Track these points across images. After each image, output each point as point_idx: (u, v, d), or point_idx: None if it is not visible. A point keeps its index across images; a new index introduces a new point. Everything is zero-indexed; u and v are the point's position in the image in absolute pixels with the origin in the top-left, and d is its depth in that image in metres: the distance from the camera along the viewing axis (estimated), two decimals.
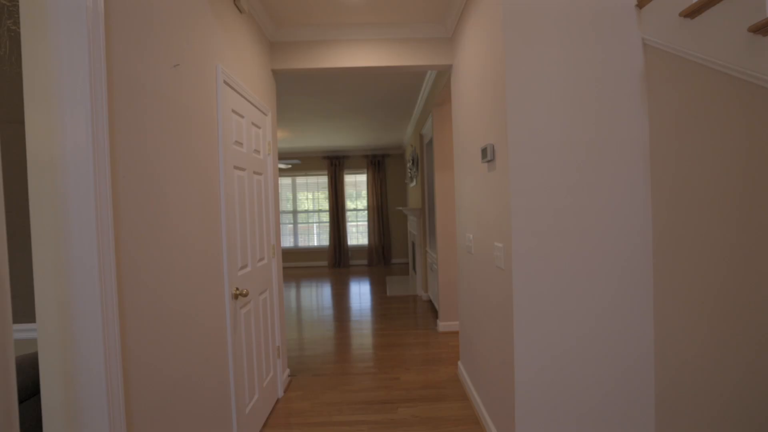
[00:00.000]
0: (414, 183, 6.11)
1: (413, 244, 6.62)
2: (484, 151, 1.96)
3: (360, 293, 5.91)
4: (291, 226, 8.82)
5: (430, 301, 5.17)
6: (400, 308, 4.90)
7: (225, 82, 1.91)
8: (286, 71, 2.81)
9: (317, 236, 8.85)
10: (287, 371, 2.87)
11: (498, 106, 1.80)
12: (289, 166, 6.90)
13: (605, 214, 1.70)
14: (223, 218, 1.84)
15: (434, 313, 4.62)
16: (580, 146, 1.70)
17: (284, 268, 8.68)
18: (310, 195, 8.86)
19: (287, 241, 8.83)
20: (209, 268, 1.69)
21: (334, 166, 8.56)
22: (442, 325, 3.93)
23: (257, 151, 2.42)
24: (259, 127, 2.47)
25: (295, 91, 4.25)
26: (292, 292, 6.14)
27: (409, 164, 6.58)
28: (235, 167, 2.05)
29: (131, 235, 1.17)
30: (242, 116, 2.17)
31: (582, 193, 1.70)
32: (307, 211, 8.85)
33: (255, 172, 2.37)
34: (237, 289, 1.97)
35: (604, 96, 1.70)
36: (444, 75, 3.26)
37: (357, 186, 8.87)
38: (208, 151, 1.72)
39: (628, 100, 1.70)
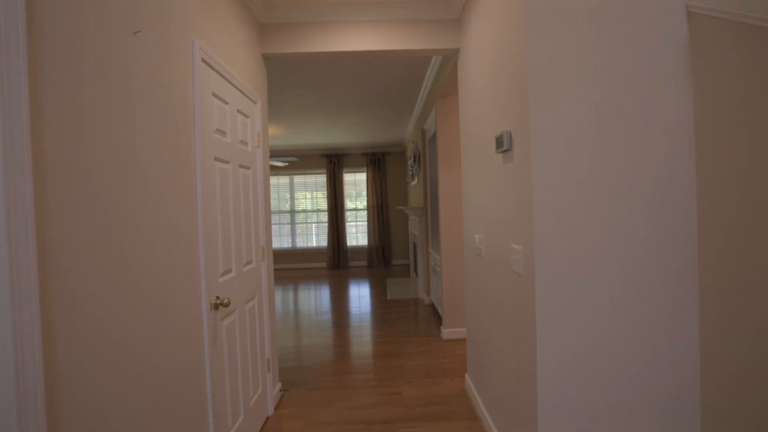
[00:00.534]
0: (416, 181, 5.87)
1: (414, 245, 6.38)
2: (498, 140, 1.72)
3: (359, 296, 5.66)
4: (289, 226, 8.58)
5: (432, 306, 4.93)
6: (401, 313, 4.66)
7: (204, 60, 1.67)
8: (277, 56, 2.57)
9: (316, 237, 8.61)
10: (279, 385, 2.63)
11: (517, 88, 1.56)
12: (286, 164, 6.65)
13: (644, 210, 1.46)
14: (200, 217, 1.60)
15: (437, 318, 4.37)
16: (614, 133, 1.45)
17: (282, 269, 8.44)
18: (308, 194, 8.62)
19: (285, 242, 8.59)
20: (181, 276, 1.44)
21: (333, 164, 8.31)
22: (447, 332, 3.69)
23: (244, 143, 2.18)
24: (246, 117, 2.23)
25: (290, 84, 4.01)
26: (290, 295, 5.90)
27: (410, 162, 6.34)
28: (217, 159, 1.81)
29: (66, 240, 0.92)
30: (226, 102, 1.93)
31: (617, 188, 1.45)
32: (305, 211, 8.61)
33: (241, 166, 2.12)
34: (217, 298, 1.72)
35: (642, 74, 1.45)
36: (449, 62, 3.02)
37: (356, 185, 8.63)
38: (181, 138, 1.48)
39: (670, 79, 1.45)
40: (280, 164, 6.58)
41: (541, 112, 1.44)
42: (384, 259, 8.37)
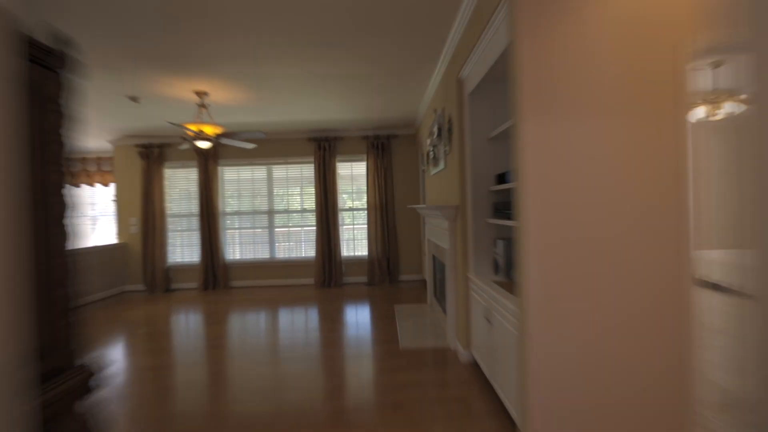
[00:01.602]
0: (440, 167, 3.93)
1: (435, 260, 4.45)
2: None
3: (357, 341, 3.73)
4: (266, 231, 6.65)
5: (475, 366, 2.99)
6: (424, 387, 2.72)
7: None
8: None
9: (303, 245, 6.68)
10: None
11: None
12: (253, 145, 4.75)
13: None
14: None
15: (491, 400, 2.43)
16: None
17: (256, 288, 6.50)
18: (295, 190, 6.68)
19: (262, 252, 6.65)
20: None
21: (323, 149, 6.38)
22: None
23: None
24: None
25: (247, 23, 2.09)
26: (254, 336, 3.95)
27: (430, 139, 4.40)
28: None
29: None
30: None
31: None
32: (287, 212, 6.68)
33: None
34: None
35: None
36: None
37: (354, 178, 6.69)
38: None
39: None
40: (248, 146, 4.66)
41: None
42: (389, 274, 6.43)
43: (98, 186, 7.77)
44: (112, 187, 7.34)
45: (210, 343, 3.80)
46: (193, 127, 3.88)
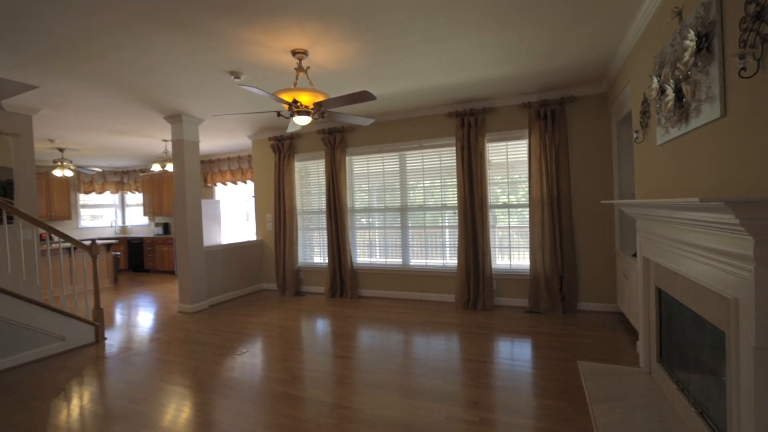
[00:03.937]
0: (695, 123, 1.94)
1: (663, 297, 2.47)
2: None
3: None
4: (398, 231, 5.50)
5: None
6: None
7: None
8: None
9: (445, 250, 5.30)
10: None
11: None
12: (370, 120, 3.58)
13: None
14: None
15: None
16: None
17: (386, 300, 5.43)
18: (434, 182, 5.35)
19: (393, 255, 5.55)
20: None
21: (467, 126, 4.82)
22: None
23: None
24: None
25: None
26: (361, 391, 2.77)
27: (658, 80, 2.34)
28: None
29: None
30: None
31: None
32: (423, 208, 5.38)
33: None
34: None
35: None
36: None
37: (511, 164, 4.92)
38: None
39: None
40: (363, 122, 3.53)
41: None
42: (563, 300, 4.48)
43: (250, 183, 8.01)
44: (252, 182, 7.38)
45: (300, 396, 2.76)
46: (286, 96, 2.89)
